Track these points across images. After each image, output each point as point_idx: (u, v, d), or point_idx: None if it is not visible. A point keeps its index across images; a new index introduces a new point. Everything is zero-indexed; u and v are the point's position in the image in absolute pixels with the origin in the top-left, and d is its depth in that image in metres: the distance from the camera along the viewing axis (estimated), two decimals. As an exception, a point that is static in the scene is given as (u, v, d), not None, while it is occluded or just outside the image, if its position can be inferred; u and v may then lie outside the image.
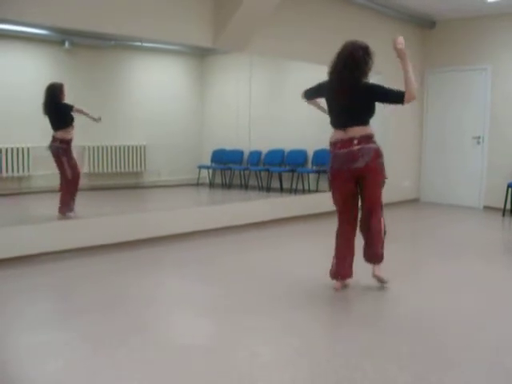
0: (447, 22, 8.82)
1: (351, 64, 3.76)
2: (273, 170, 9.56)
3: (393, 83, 3.95)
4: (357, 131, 3.84)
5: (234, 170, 10.32)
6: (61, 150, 6.24)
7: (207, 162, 10.84)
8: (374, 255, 4.02)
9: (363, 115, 3.89)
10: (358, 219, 4.09)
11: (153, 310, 3.67)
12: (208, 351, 2.95)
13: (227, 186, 10.38)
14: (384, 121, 7.63)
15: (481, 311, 3.69)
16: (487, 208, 8.48)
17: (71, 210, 6.20)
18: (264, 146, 10.05)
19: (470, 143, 8.73)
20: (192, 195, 9.91)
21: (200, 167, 10.65)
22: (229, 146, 10.60)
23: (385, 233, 4.07)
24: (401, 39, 3.72)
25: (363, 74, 3.81)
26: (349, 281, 4.11)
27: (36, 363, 2.81)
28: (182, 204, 8.53)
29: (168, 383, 2.59)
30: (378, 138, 3.94)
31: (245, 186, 10.13)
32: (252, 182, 10.07)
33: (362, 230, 4.09)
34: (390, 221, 7.45)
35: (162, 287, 4.25)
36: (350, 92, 3.80)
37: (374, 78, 3.97)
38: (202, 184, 10.78)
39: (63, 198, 6.25)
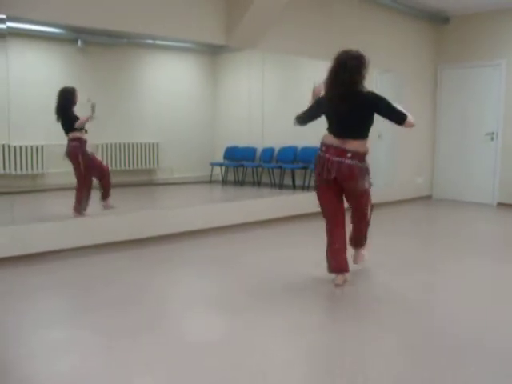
0: (461, 18, 8.74)
1: (347, 74, 3.69)
2: (285, 167, 9.55)
3: (404, 80, 3.93)
4: (354, 145, 3.82)
5: (246, 167, 10.33)
6: (77, 149, 6.28)
7: (220, 159, 10.85)
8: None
9: (363, 128, 3.86)
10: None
11: (166, 307, 3.70)
12: (220, 349, 2.96)
13: (240, 183, 10.38)
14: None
15: (494, 311, 3.67)
16: (501, 205, 8.42)
17: (84, 209, 6.22)
18: (277, 143, 10.04)
19: (483, 139, 8.66)
20: (205, 192, 9.94)
21: (213, 164, 10.67)
22: (241, 143, 10.61)
23: (368, 224, 4.28)
24: None
25: (359, 84, 3.75)
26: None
27: (51, 359, 2.85)
28: (195, 201, 8.56)
29: (181, 380, 2.61)
30: (390, 135, 3.93)
31: (257, 183, 10.13)
32: (265, 179, 10.07)
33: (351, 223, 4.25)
34: (403, 218, 7.50)
35: (175, 285, 4.28)
36: (350, 103, 3.73)
37: (385, 76, 3.93)
38: (215, 181, 10.80)
39: (80, 196, 6.25)
